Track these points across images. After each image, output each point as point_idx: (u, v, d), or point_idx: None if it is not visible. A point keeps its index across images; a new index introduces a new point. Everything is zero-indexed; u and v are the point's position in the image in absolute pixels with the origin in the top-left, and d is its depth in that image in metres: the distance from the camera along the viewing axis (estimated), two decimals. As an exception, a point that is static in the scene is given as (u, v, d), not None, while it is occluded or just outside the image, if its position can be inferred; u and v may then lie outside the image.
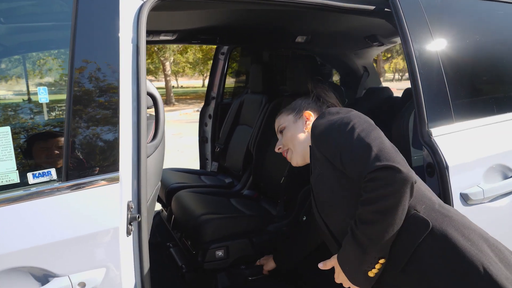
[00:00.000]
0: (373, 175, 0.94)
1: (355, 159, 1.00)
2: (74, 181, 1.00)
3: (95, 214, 0.99)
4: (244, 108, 3.05)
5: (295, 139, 1.28)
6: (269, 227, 2.10)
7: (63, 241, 0.94)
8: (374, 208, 0.95)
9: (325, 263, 1.15)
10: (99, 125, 1.04)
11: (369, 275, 1.01)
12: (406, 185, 0.93)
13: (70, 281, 0.92)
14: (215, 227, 1.96)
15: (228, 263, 1.97)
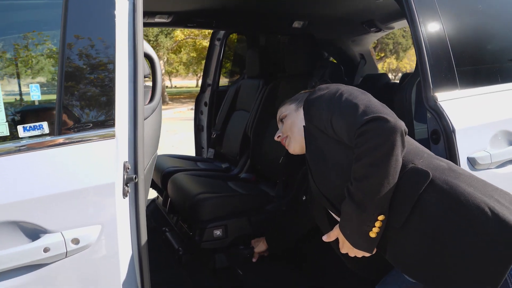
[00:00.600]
0: (361, 129, 0.93)
1: (344, 121, 1.00)
2: (67, 135, 0.95)
3: (90, 169, 0.94)
4: (241, 93, 3.00)
5: (294, 126, 1.27)
6: (268, 207, 2.06)
7: (55, 195, 0.88)
8: (366, 162, 0.93)
9: (328, 234, 1.12)
10: (93, 79, 0.99)
11: (370, 236, 0.98)
12: (395, 133, 0.91)
13: (63, 237, 0.87)
14: (212, 205, 1.91)
15: (227, 243, 1.92)
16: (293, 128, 1.27)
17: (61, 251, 0.86)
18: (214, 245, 1.90)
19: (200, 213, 1.89)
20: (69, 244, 0.87)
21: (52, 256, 0.86)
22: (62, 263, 0.88)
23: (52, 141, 0.93)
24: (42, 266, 0.87)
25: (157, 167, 2.67)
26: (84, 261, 0.91)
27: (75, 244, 0.88)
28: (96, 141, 0.96)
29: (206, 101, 3.32)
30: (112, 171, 0.95)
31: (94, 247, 0.91)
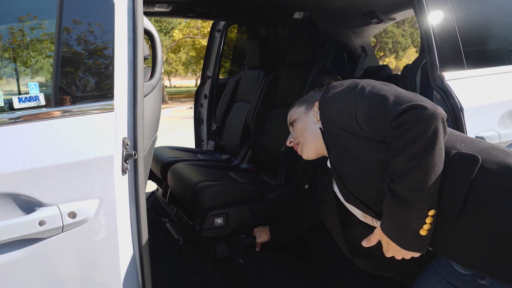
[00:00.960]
0: (397, 121, 0.86)
1: (372, 115, 0.92)
2: (64, 107, 0.92)
3: (87, 142, 0.90)
4: (241, 84, 2.97)
5: (305, 130, 1.19)
6: (269, 196, 2.02)
7: (51, 167, 0.85)
8: (407, 155, 0.85)
9: (368, 239, 1.02)
10: (91, 50, 0.96)
11: (421, 234, 0.89)
12: (436, 120, 0.84)
13: (59, 210, 0.83)
14: (213, 193, 1.88)
15: (228, 232, 1.88)
16: (305, 133, 1.19)
17: (57, 224, 0.83)
18: (215, 234, 1.86)
19: (200, 201, 1.85)
20: (65, 218, 0.83)
21: (47, 229, 0.82)
22: (58, 238, 0.85)
23: (49, 113, 0.90)
24: (37, 241, 0.83)
25: (156, 158, 2.64)
26: (81, 237, 0.87)
27: (72, 218, 0.84)
28: (94, 113, 0.93)
29: (206, 93, 3.28)
30: (111, 144, 0.92)
31: (92, 222, 0.87)
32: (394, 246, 0.94)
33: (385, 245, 0.97)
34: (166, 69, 21.93)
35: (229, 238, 1.91)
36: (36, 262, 0.84)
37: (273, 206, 1.97)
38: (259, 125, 2.53)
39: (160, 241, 2.18)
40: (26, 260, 0.83)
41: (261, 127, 2.51)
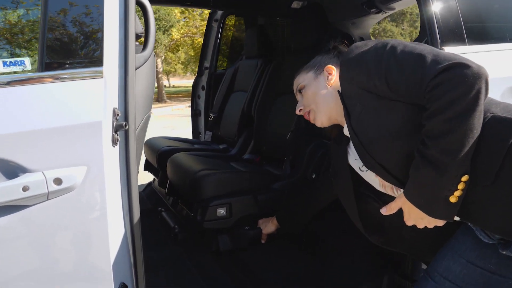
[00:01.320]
0: (436, 80, 0.80)
1: (407, 75, 0.86)
2: (51, 72, 0.88)
3: (74, 107, 0.87)
4: (239, 74, 2.94)
5: (317, 96, 1.13)
6: (274, 185, 1.93)
7: (35, 132, 0.81)
8: (445, 116, 0.79)
9: (388, 206, 0.96)
10: (80, 14, 0.92)
11: (451, 201, 0.84)
12: (480, 80, 0.78)
13: (44, 176, 0.79)
14: (215, 182, 1.78)
15: (231, 223, 1.78)
16: (316, 99, 1.13)
17: (42, 191, 0.79)
18: (217, 225, 1.77)
19: (202, 190, 1.76)
20: (50, 184, 0.80)
21: (32, 196, 0.79)
22: (43, 206, 0.81)
23: (34, 78, 0.86)
24: (21, 208, 0.80)
25: (152, 148, 2.61)
26: (67, 206, 0.83)
27: (58, 184, 0.80)
28: (82, 80, 0.89)
29: (203, 84, 3.25)
30: (99, 110, 0.88)
31: (79, 191, 0.84)
32: (417, 213, 0.90)
33: (407, 213, 0.93)
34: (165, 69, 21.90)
35: (232, 229, 1.81)
36: (20, 231, 0.80)
37: (279, 196, 1.88)
38: (262, 115, 2.43)
39: (156, 230, 2.15)
40: (10, 229, 0.79)
41: (264, 117, 2.42)
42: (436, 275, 1.03)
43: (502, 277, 0.95)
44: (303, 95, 1.18)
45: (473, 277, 0.97)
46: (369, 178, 1.10)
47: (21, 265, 0.82)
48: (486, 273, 0.96)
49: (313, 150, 1.97)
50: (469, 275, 0.98)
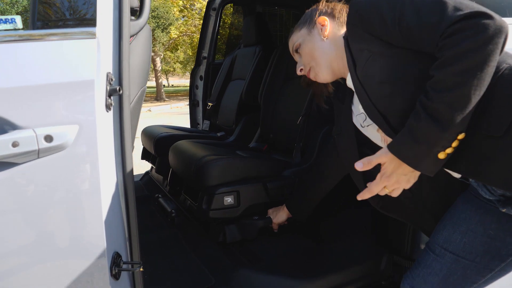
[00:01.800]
0: (455, 27, 0.74)
1: (423, 18, 0.80)
2: (43, 30, 0.86)
3: (66, 65, 0.84)
4: (237, 63, 2.92)
5: (315, 51, 1.10)
6: (285, 172, 1.84)
7: (25, 88, 0.79)
8: (458, 68, 0.74)
9: (368, 160, 0.90)
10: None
11: (439, 157, 0.81)
12: (500, 33, 0.72)
13: (34, 132, 0.77)
14: (222, 168, 1.68)
15: (239, 212, 1.70)
16: (315, 54, 1.09)
17: (32, 147, 0.77)
18: (224, 215, 1.68)
19: (207, 177, 1.66)
20: (41, 141, 0.78)
21: (21, 152, 0.76)
22: (34, 165, 0.79)
23: (25, 35, 0.84)
24: (10, 166, 0.78)
25: (149, 135, 2.59)
26: (58, 165, 0.81)
27: (48, 142, 0.78)
28: (74, 39, 0.87)
29: (201, 74, 3.23)
30: (91, 69, 0.86)
31: (71, 150, 0.82)
32: (401, 169, 0.86)
33: (389, 169, 0.88)
34: (164, 68, 21.90)
35: (240, 219, 1.73)
36: (9, 190, 0.78)
37: (290, 184, 1.78)
38: (269, 102, 2.33)
39: (153, 215, 2.13)
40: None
41: (271, 103, 2.33)
42: (437, 247, 1.01)
43: (502, 242, 0.93)
44: (301, 53, 1.15)
45: (473, 246, 0.95)
46: (371, 133, 1.06)
47: (8, 226, 0.80)
48: (486, 239, 0.94)
49: (325, 135, 1.90)
50: (469, 243, 0.96)
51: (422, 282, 1.02)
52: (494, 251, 0.94)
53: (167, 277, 1.49)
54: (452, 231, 0.99)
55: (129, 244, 1.04)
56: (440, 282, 0.99)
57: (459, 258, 0.97)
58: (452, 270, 0.98)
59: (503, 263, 0.95)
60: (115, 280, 0.99)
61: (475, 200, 0.97)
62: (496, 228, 0.93)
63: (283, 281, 1.42)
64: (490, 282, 0.99)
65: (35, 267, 0.87)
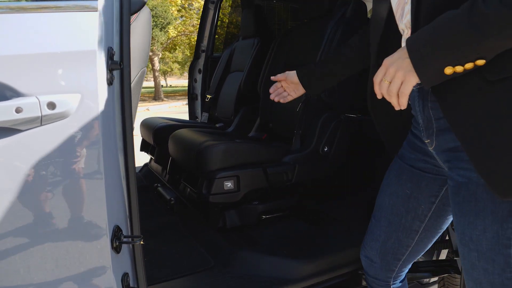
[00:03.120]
0: None
1: None
2: (45, 2, 0.87)
3: (68, 35, 0.86)
4: (235, 55, 2.93)
5: None
6: (285, 158, 1.85)
7: (29, 56, 0.80)
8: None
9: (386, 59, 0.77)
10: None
11: (445, 72, 0.69)
12: None
13: (37, 99, 0.79)
14: (222, 152, 1.69)
15: (239, 197, 1.71)
16: None
17: (35, 114, 0.78)
18: (224, 199, 1.69)
19: (208, 161, 1.67)
20: (44, 108, 0.79)
21: (25, 119, 0.78)
22: (36, 132, 0.80)
23: (28, 7, 0.85)
24: (14, 132, 0.79)
25: (147, 126, 2.60)
26: (61, 133, 0.82)
27: (51, 109, 0.79)
28: (76, 11, 0.89)
29: (200, 68, 3.24)
30: (93, 40, 0.87)
31: (73, 118, 0.83)
32: (405, 66, 0.73)
33: (396, 60, 0.75)
34: (162, 68, 21.89)
35: (240, 204, 1.74)
36: (12, 156, 0.79)
37: (290, 169, 1.80)
38: (268, 92, 2.33)
39: (152, 203, 2.14)
40: (1, 153, 0.78)
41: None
42: (375, 213, 1.10)
43: (416, 201, 0.99)
44: None
45: (397, 207, 1.03)
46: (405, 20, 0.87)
47: (11, 193, 0.81)
48: (405, 199, 1.01)
49: (325, 122, 1.91)
50: (395, 205, 1.03)
51: (369, 249, 1.09)
52: (413, 210, 1.00)
53: (167, 260, 1.51)
54: (383, 196, 1.05)
55: (129, 218, 1.05)
56: (381, 247, 1.06)
57: (391, 221, 1.03)
58: (388, 234, 1.04)
59: (423, 223, 1.01)
60: (116, 253, 1.00)
61: (397, 162, 1.03)
62: (411, 188, 0.98)
63: (282, 262, 1.43)
64: (421, 246, 1.06)
65: (37, 238, 0.88)
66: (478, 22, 0.64)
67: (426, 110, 0.86)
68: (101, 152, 0.88)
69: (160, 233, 1.75)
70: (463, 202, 0.81)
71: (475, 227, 0.79)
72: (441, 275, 1.48)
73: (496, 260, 0.77)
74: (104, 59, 0.92)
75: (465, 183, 0.80)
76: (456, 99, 0.74)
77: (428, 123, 0.87)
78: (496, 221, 0.76)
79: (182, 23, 16.44)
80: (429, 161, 0.95)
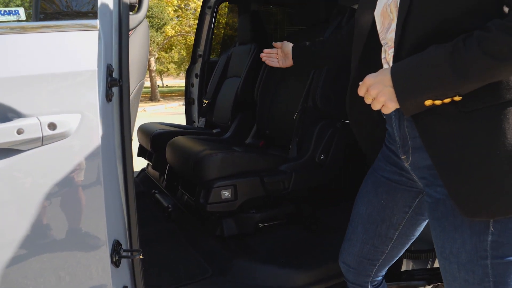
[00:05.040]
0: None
1: None
2: (45, 22, 0.88)
3: (69, 56, 0.87)
4: (232, 60, 2.95)
5: None
6: (282, 167, 1.87)
7: (30, 77, 0.81)
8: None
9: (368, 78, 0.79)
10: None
11: (424, 104, 0.74)
12: None
13: (38, 120, 0.80)
14: (219, 162, 1.70)
15: (236, 206, 1.73)
16: None
17: (36, 135, 0.79)
18: (222, 208, 1.70)
19: (205, 171, 1.69)
20: (45, 129, 0.80)
21: (26, 139, 0.79)
22: (37, 152, 0.81)
23: (29, 27, 0.86)
24: (15, 153, 0.80)
25: (145, 132, 2.61)
26: (62, 153, 0.84)
27: (52, 129, 0.81)
28: (76, 30, 0.90)
29: (197, 72, 3.25)
30: (93, 60, 0.88)
31: (74, 137, 0.84)
32: (386, 91, 0.76)
33: (377, 86, 0.77)
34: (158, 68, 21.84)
35: (237, 213, 1.76)
36: (14, 176, 0.81)
37: (287, 178, 1.82)
38: (265, 98, 2.36)
39: (149, 210, 2.15)
40: (4, 174, 0.79)
41: (267, 100, 2.35)
42: (352, 220, 1.12)
43: (391, 210, 1.03)
44: None
45: (373, 216, 1.06)
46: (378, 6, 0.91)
47: (13, 211, 0.82)
48: (381, 208, 1.04)
49: (321, 130, 1.93)
50: (370, 214, 1.06)
51: (346, 255, 1.13)
52: (388, 219, 1.04)
53: (164, 268, 1.52)
54: (360, 205, 1.09)
55: (128, 233, 1.06)
56: (358, 253, 1.10)
57: (367, 228, 1.07)
58: (364, 241, 1.08)
59: (397, 231, 1.05)
60: (116, 267, 1.02)
61: (373, 174, 1.07)
62: (386, 198, 1.03)
63: (279, 271, 1.45)
64: (396, 251, 1.10)
65: (37, 253, 0.89)
66: (460, 67, 0.68)
67: (402, 128, 0.90)
68: (101, 170, 0.89)
69: (158, 240, 1.77)
70: (441, 217, 0.85)
71: (454, 241, 0.83)
72: (435, 283, 1.51)
73: (475, 271, 0.81)
74: (103, 76, 0.94)
75: (442, 199, 0.84)
76: (430, 122, 0.79)
77: (404, 140, 0.91)
78: (474, 234, 0.80)
79: (179, 23, 16.41)
80: (404, 174, 0.99)
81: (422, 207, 1.02)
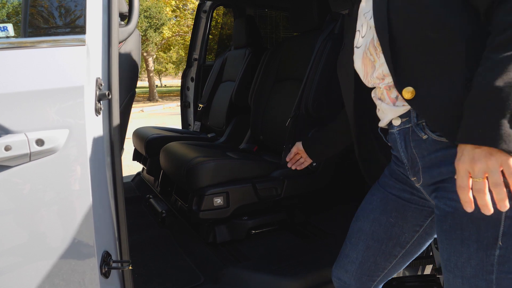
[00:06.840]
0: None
1: None
2: (34, 38, 0.89)
3: (57, 72, 0.88)
4: (227, 65, 2.96)
5: None
6: (274, 173, 1.89)
7: (17, 94, 0.82)
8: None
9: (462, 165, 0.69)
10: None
11: None
12: None
13: (26, 137, 0.81)
14: (212, 169, 1.72)
15: (228, 213, 1.74)
16: None
17: (24, 151, 0.80)
18: (214, 215, 1.72)
19: (198, 178, 1.70)
20: (32, 145, 0.81)
21: (14, 156, 0.80)
22: (25, 168, 0.82)
23: (16, 43, 0.87)
24: (4, 169, 0.81)
25: (140, 136, 2.62)
26: (50, 168, 0.85)
27: (40, 145, 0.82)
28: (64, 46, 0.91)
29: (192, 76, 3.26)
30: (81, 76, 0.89)
31: (62, 153, 0.85)
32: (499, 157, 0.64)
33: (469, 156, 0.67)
34: (156, 68, 21.82)
35: (229, 220, 1.77)
36: (2, 192, 0.81)
37: (279, 184, 1.83)
38: (259, 104, 2.37)
39: (143, 215, 2.16)
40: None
41: (261, 105, 2.36)
42: (352, 237, 1.09)
43: (400, 229, 1.01)
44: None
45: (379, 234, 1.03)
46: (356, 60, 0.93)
47: (1, 227, 0.83)
48: (388, 227, 1.02)
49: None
50: (376, 232, 1.03)
51: (343, 272, 1.10)
52: (395, 238, 1.02)
53: (156, 275, 1.53)
54: (363, 221, 1.06)
55: (118, 244, 1.07)
56: (357, 270, 1.07)
57: (369, 246, 1.05)
58: (365, 258, 1.06)
59: (403, 249, 1.04)
60: (105, 278, 1.03)
61: (380, 190, 1.05)
62: (396, 217, 1.01)
63: (271, 278, 1.46)
64: (397, 268, 1.09)
65: (26, 266, 0.90)
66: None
67: (409, 149, 0.89)
68: (89, 183, 0.90)
69: (151, 247, 1.78)
70: (449, 230, 0.84)
71: (460, 255, 0.82)
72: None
73: (479, 286, 0.80)
74: (92, 90, 0.95)
75: (451, 212, 0.83)
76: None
77: (412, 162, 0.89)
78: (481, 249, 0.79)
79: (177, 23, 16.40)
80: (415, 193, 0.97)
81: (433, 226, 1.00)
